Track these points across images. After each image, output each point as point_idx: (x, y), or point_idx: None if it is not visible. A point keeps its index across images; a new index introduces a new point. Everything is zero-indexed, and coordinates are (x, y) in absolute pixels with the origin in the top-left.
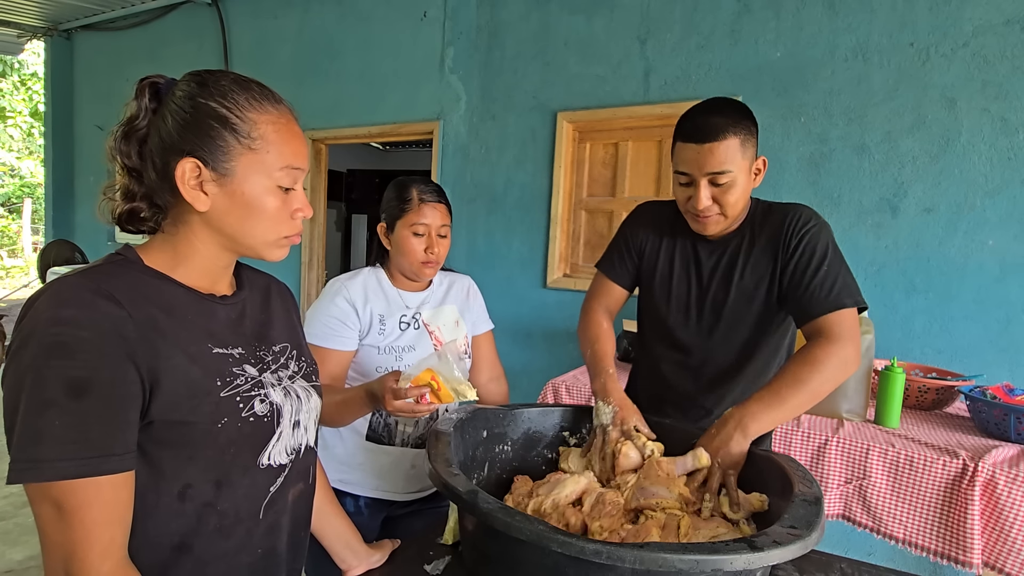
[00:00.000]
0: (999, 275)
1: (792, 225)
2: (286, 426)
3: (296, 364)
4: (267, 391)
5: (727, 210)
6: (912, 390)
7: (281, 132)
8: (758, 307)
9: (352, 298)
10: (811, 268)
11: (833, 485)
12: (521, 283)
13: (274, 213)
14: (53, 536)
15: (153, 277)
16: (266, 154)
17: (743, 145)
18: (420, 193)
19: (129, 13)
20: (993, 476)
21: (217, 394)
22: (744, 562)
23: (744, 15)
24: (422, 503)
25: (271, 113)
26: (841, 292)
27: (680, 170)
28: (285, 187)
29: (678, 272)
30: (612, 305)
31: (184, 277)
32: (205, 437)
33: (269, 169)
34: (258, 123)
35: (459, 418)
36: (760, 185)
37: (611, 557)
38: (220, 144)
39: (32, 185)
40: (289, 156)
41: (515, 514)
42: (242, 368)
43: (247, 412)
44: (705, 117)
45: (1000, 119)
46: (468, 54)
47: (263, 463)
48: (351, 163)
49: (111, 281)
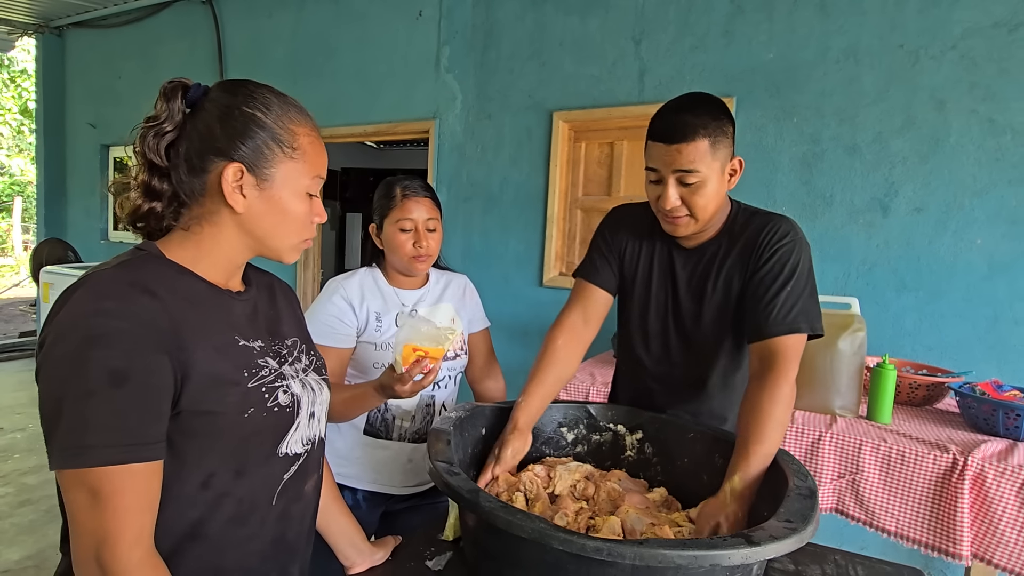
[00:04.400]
0: (987, 273)
1: (766, 238)
2: (304, 417)
3: (307, 358)
4: (288, 382)
5: (697, 212)
6: (903, 386)
7: (315, 144)
8: (730, 320)
9: (349, 296)
10: (775, 285)
11: (827, 479)
12: (517, 282)
13: (302, 218)
14: (86, 523)
15: (177, 271)
16: (303, 163)
17: (714, 146)
18: (404, 189)
19: (122, 10)
20: (982, 470)
21: (245, 385)
22: (742, 556)
23: (737, 16)
24: (420, 498)
25: (307, 126)
26: (799, 316)
27: (650, 166)
28: (311, 194)
29: (657, 280)
30: (591, 312)
31: (204, 272)
32: (232, 427)
33: (302, 177)
34: (298, 135)
35: (458, 416)
36: (753, 184)
37: (611, 554)
38: (265, 152)
39: (22, 183)
40: (319, 166)
41: (516, 512)
42: (264, 360)
43: (272, 402)
44: (676, 116)
45: (988, 120)
46: (464, 53)
47: (282, 452)
48: (346, 162)
49: (145, 274)
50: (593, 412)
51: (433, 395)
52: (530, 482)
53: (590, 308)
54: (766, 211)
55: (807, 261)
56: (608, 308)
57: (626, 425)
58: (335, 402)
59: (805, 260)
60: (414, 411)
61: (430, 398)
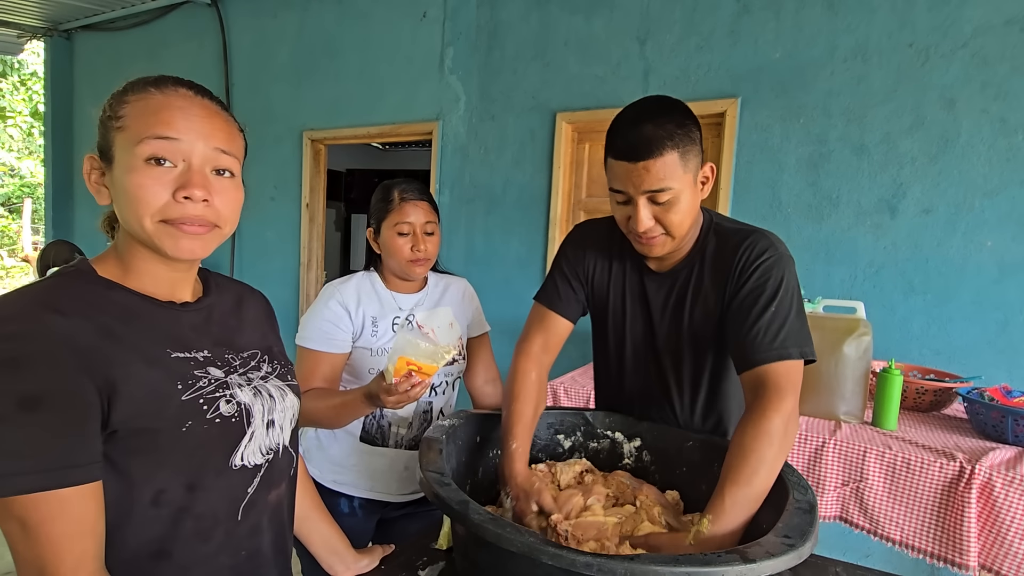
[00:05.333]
0: (997, 276)
1: (744, 256)
2: (258, 426)
3: (269, 366)
4: (233, 391)
5: (673, 230)
6: (910, 392)
7: (150, 104)
8: (710, 344)
9: (345, 301)
10: (757, 307)
11: (830, 487)
12: (519, 284)
13: (138, 193)
14: (23, 553)
15: (104, 287)
16: (129, 129)
17: (683, 158)
18: (401, 192)
19: (129, 13)
20: (990, 479)
21: (178, 398)
22: (736, 574)
23: (743, 16)
24: (416, 505)
25: (147, 92)
26: (787, 340)
27: (614, 188)
28: (155, 160)
29: (631, 306)
30: (552, 342)
31: (136, 284)
32: (172, 442)
33: (130, 143)
34: (129, 102)
35: (451, 424)
36: (758, 185)
37: (602, 569)
38: (103, 132)
39: (32, 185)
40: (152, 125)
41: (505, 525)
42: (205, 371)
43: (212, 414)
44: (637, 130)
45: (999, 120)
46: (467, 54)
47: (236, 464)
48: (350, 163)
49: (56, 293)
50: (591, 419)
51: (431, 401)
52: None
53: (551, 338)
54: (741, 225)
55: (792, 279)
56: (565, 337)
57: (624, 432)
58: (326, 408)
59: (789, 278)
60: (411, 418)
61: (427, 404)
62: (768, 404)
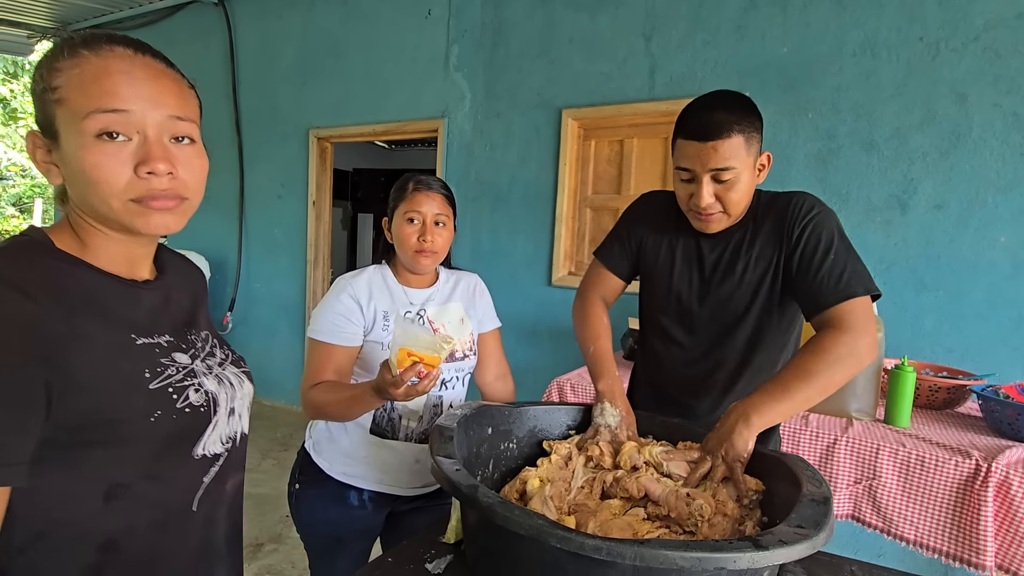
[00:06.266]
0: (1011, 272)
1: (796, 213)
2: (222, 414)
3: (222, 352)
4: (201, 379)
5: (730, 208)
6: (923, 389)
7: (86, 73)
8: (763, 301)
9: (357, 295)
10: (817, 256)
11: (842, 485)
12: (526, 281)
13: (99, 174)
14: None
15: (66, 262)
16: (68, 103)
17: (747, 142)
18: (416, 183)
19: (136, 13)
20: (1007, 477)
21: (146, 387)
22: (748, 561)
23: (750, 11)
24: (426, 499)
25: (81, 56)
26: (851, 280)
27: (682, 166)
28: (108, 135)
29: (679, 268)
30: (608, 295)
31: (96, 260)
32: (139, 433)
33: (75, 119)
34: (62, 70)
35: (463, 414)
36: (766, 181)
37: (611, 553)
38: (43, 108)
39: (43, 185)
40: (96, 97)
41: (514, 508)
42: (171, 358)
43: (182, 403)
44: (709, 113)
45: (1012, 114)
46: (472, 52)
47: (198, 454)
48: (356, 162)
49: (21, 269)
50: None
51: (441, 396)
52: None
53: (607, 291)
54: (785, 192)
55: (840, 228)
56: (619, 294)
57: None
58: (336, 401)
59: (838, 227)
60: (421, 411)
61: (438, 398)
62: (830, 334)
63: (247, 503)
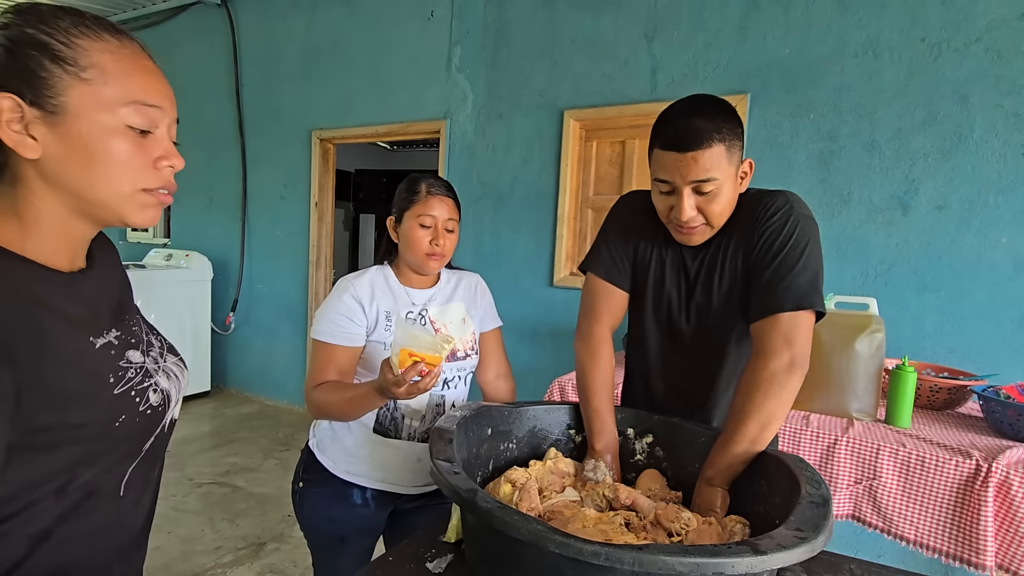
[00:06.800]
0: (1012, 273)
1: (763, 214)
2: (172, 408)
3: (156, 338)
4: (156, 379)
5: (713, 220)
6: (924, 390)
7: (123, 62)
8: (738, 305)
9: (359, 295)
10: (765, 261)
11: (843, 485)
12: (528, 281)
13: (124, 158)
14: None
15: (5, 259)
16: (103, 86)
17: (729, 150)
18: (429, 186)
19: (140, 15)
20: (1007, 477)
21: (110, 392)
22: (746, 566)
23: (752, 11)
24: (429, 498)
25: (108, 41)
26: (785, 292)
27: (660, 178)
28: (139, 128)
29: (669, 276)
30: (616, 315)
31: (37, 253)
32: (101, 435)
33: (110, 104)
34: (89, 50)
35: (463, 415)
36: (768, 182)
37: (609, 559)
38: (42, 75)
39: None
40: (137, 90)
41: (513, 513)
42: (126, 357)
43: (144, 406)
44: (687, 121)
45: (1014, 115)
46: (475, 53)
47: (146, 447)
48: (359, 163)
49: None
50: None
51: (443, 395)
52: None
53: (615, 313)
54: (763, 191)
55: (805, 231)
56: (625, 310)
57: (636, 428)
58: (339, 401)
59: (803, 229)
60: (424, 410)
61: (440, 398)
62: (766, 356)
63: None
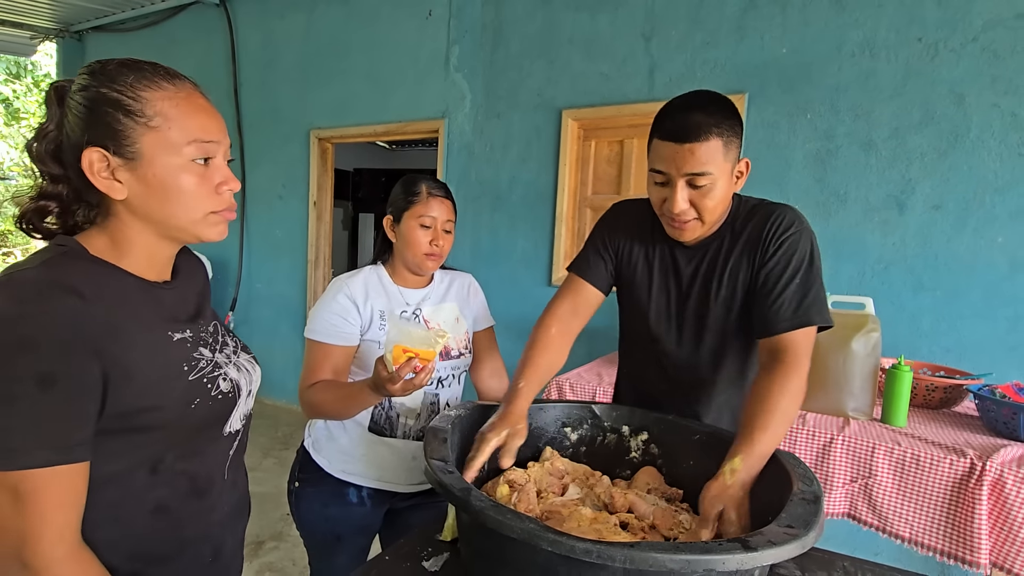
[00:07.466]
0: (1008, 273)
1: (772, 230)
2: (243, 397)
3: (231, 339)
4: (226, 370)
5: (705, 215)
6: (919, 389)
7: (181, 106)
8: (738, 314)
9: (353, 295)
10: (784, 278)
11: (838, 484)
12: (525, 281)
13: (193, 189)
14: (7, 521)
15: (104, 269)
16: (168, 131)
17: (726, 146)
18: (429, 188)
19: (139, 14)
20: (1001, 475)
21: (185, 378)
22: (737, 562)
23: (750, 11)
24: (425, 496)
25: (166, 89)
26: (810, 309)
27: (656, 168)
28: (201, 160)
29: (657, 280)
30: (581, 306)
31: (130, 266)
32: (179, 418)
33: (176, 146)
34: (152, 100)
35: (457, 414)
36: (765, 182)
37: (601, 556)
38: (119, 129)
39: None
40: (195, 130)
41: (506, 512)
42: (199, 351)
43: (215, 392)
44: (686, 114)
45: (1010, 114)
46: (473, 52)
47: (226, 431)
48: (357, 162)
49: (70, 273)
50: (598, 412)
51: (437, 394)
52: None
53: (580, 303)
54: (768, 201)
55: (813, 250)
56: (597, 307)
57: (631, 426)
58: (334, 400)
59: (812, 249)
60: (419, 409)
61: (434, 396)
62: (790, 365)
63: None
